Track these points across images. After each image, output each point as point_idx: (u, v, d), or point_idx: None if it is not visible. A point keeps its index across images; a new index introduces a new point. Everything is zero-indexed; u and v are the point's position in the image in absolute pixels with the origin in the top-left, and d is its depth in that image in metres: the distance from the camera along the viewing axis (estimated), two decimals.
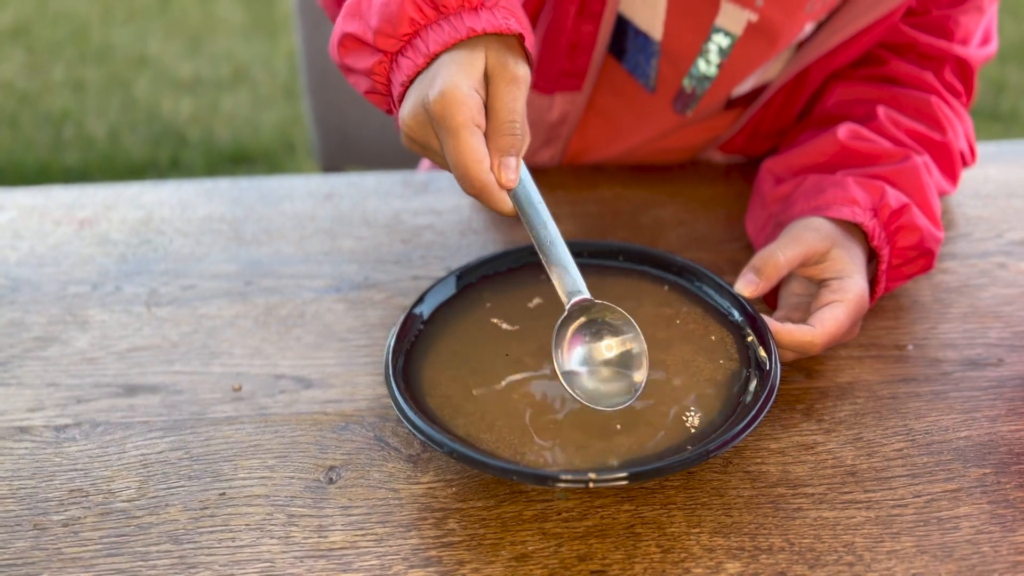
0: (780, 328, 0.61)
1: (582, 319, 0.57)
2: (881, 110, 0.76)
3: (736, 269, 0.77)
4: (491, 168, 0.54)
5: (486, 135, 0.55)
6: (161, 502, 0.58)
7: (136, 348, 0.71)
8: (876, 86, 0.79)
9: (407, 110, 0.56)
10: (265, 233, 0.84)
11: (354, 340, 0.71)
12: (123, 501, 0.58)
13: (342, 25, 0.61)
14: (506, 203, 0.56)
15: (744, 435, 0.53)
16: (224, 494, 0.59)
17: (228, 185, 0.91)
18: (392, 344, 0.61)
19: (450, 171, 0.56)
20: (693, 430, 0.55)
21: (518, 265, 0.69)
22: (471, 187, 0.55)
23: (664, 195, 0.88)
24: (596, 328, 0.57)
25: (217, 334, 0.72)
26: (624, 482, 0.50)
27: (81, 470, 0.61)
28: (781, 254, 0.63)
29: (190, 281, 0.78)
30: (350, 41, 0.60)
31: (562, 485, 0.51)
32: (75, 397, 0.66)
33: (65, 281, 0.78)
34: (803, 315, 0.66)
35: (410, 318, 0.64)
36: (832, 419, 0.62)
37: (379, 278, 0.78)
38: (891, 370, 0.66)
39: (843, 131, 0.74)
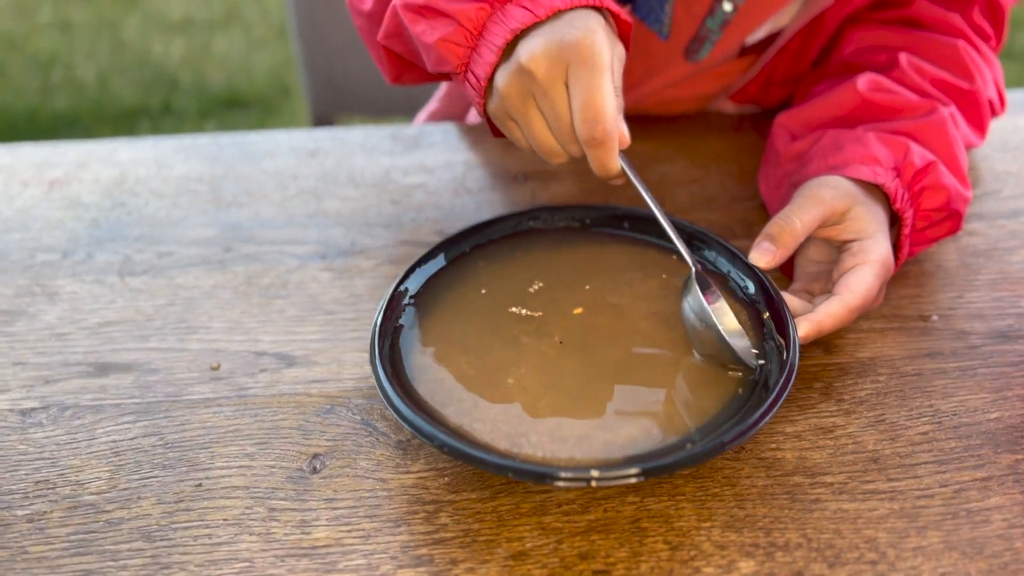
0: (820, 318, 0.56)
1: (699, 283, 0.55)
2: (903, 57, 0.70)
3: (748, 231, 0.72)
4: None
5: None
6: (133, 494, 0.54)
7: (108, 322, 0.66)
8: (898, 30, 0.73)
9: (527, 53, 0.52)
10: (246, 193, 0.79)
11: (340, 313, 0.66)
12: (92, 494, 0.55)
13: None
14: (617, 160, 0.54)
15: (760, 425, 0.49)
16: (200, 485, 0.55)
17: (207, 141, 0.86)
18: (378, 323, 0.56)
19: (529, 144, 0.55)
20: (704, 418, 0.51)
21: (512, 232, 0.64)
22: (601, 130, 0.51)
23: (671, 149, 0.82)
24: (713, 291, 0.56)
25: (195, 306, 0.68)
26: (630, 480, 0.46)
27: (48, 459, 0.57)
28: (797, 218, 0.58)
29: (166, 247, 0.73)
30: None
31: (562, 484, 0.47)
32: (42, 377, 0.62)
33: (33, 248, 0.74)
34: (824, 285, 0.61)
35: (396, 295, 0.59)
36: (852, 399, 0.58)
37: (367, 243, 0.73)
38: (915, 343, 0.62)
39: (863, 82, 0.68)
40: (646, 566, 0.49)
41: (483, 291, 0.59)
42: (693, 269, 0.56)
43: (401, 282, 0.59)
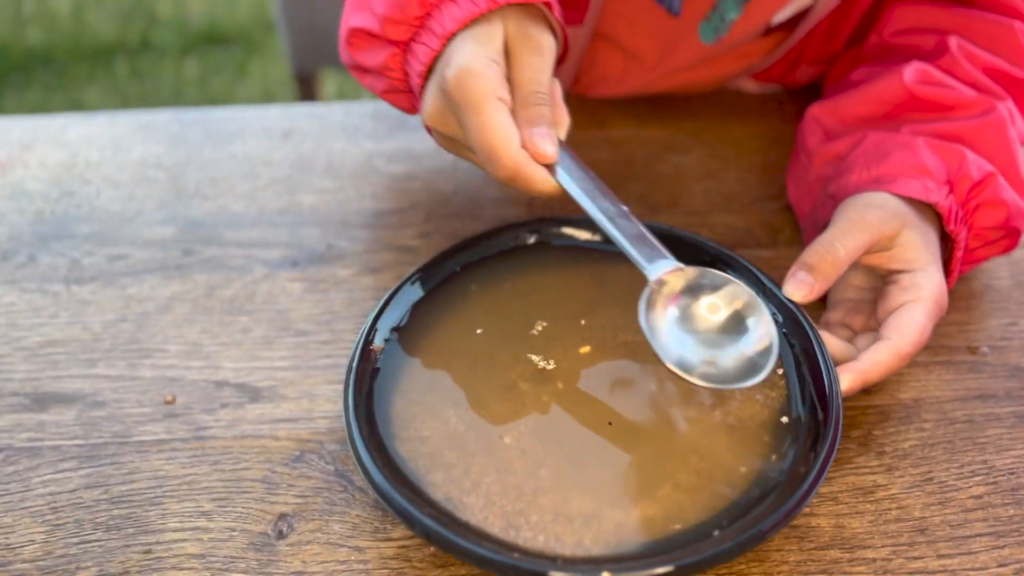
0: (866, 368, 0.48)
1: (674, 289, 0.47)
2: (953, 41, 0.61)
3: (773, 238, 0.64)
4: (524, 144, 0.48)
5: (512, 112, 0.48)
6: (72, 563, 0.47)
7: (51, 342, 0.59)
8: (946, 8, 0.64)
9: (427, 101, 0.51)
10: (210, 183, 0.70)
11: (313, 334, 0.59)
12: (24, 561, 0.47)
13: (348, 20, 0.54)
14: (547, 181, 0.49)
15: (802, 506, 0.42)
16: (149, 552, 0.48)
17: (168, 119, 0.77)
18: (354, 366, 0.49)
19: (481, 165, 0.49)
20: (732, 494, 0.44)
21: (508, 249, 0.56)
22: (503, 168, 0.48)
23: (687, 136, 0.74)
24: (696, 295, 0.48)
25: (148, 323, 0.60)
26: None
27: None
28: (841, 246, 0.50)
29: (118, 249, 0.65)
30: (358, 37, 0.54)
31: None
32: None
33: None
34: (866, 320, 0.53)
35: (374, 329, 0.51)
36: (895, 452, 0.51)
37: (344, 247, 0.65)
38: (964, 382, 0.55)
39: (910, 73, 0.60)
40: None
41: (477, 330, 0.51)
42: (650, 282, 0.48)
43: (379, 313, 0.51)
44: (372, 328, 0.51)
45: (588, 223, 0.57)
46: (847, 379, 0.48)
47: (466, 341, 0.51)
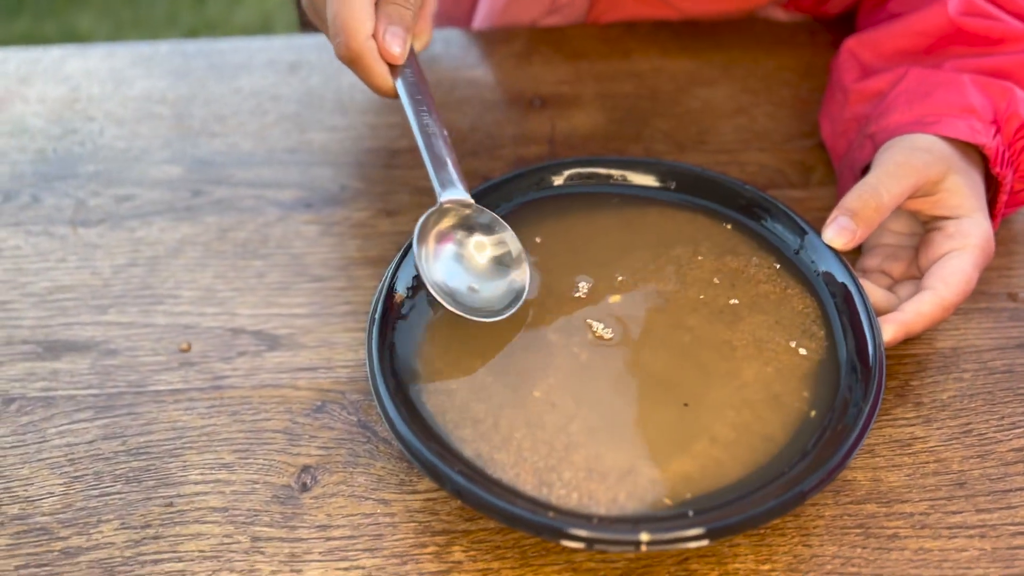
0: (910, 319, 0.47)
1: (452, 220, 0.49)
2: None
3: (806, 178, 0.62)
4: (375, 35, 0.50)
5: (376, 4, 0.50)
6: (92, 515, 0.46)
7: (60, 287, 0.57)
8: None
9: None
10: (216, 120, 0.68)
11: (330, 279, 0.57)
12: (44, 514, 0.46)
13: None
14: (385, 79, 0.51)
15: (845, 464, 0.41)
16: (171, 505, 0.47)
17: (169, 50, 0.73)
18: (376, 318, 0.47)
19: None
20: (771, 450, 0.43)
21: (529, 196, 0.54)
22: (346, 48, 0.49)
23: (715, 68, 0.71)
24: (468, 229, 0.49)
25: (159, 267, 0.58)
26: (689, 543, 0.38)
27: None
28: (885, 191, 0.48)
29: (125, 190, 0.63)
30: None
31: (605, 549, 0.39)
32: None
33: None
34: (906, 268, 0.51)
35: (395, 280, 0.49)
36: (933, 403, 0.50)
37: (358, 188, 0.62)
38: (1004, 330, 0.53)
39: (954, 3, 0.56)
40: None
41: None
42: (438, 203, 0.49)
43: (400, 261, 0.49)
44: (394, 276, 0.49)
45: (617, 166, 0.55)
46: (889, 330, 0.46)
47: None
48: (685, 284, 0.49)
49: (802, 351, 0.46)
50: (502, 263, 0.48)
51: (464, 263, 0.48)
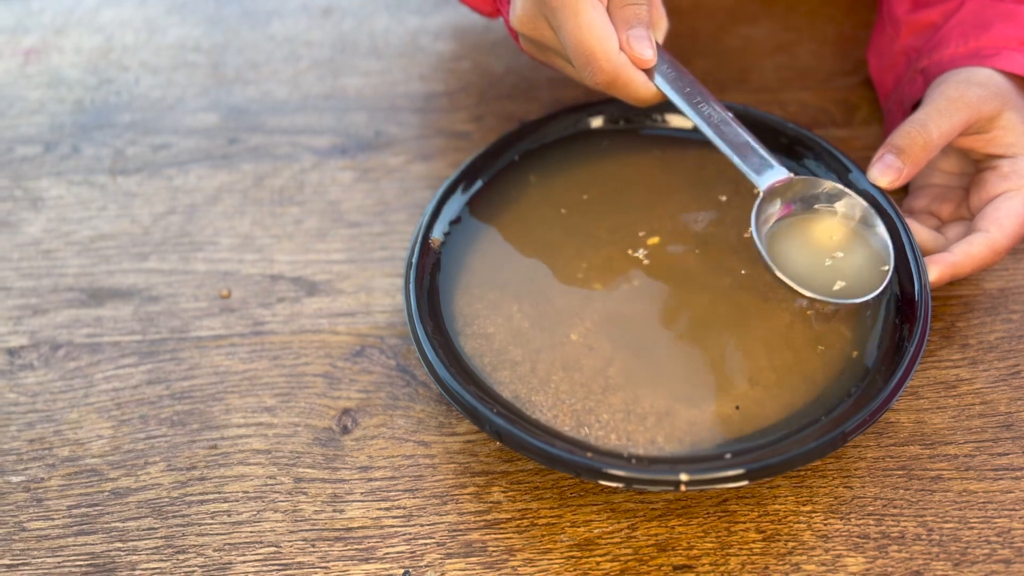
0: (958, 260, 0.45)
1: (783, 199, 0.45)
2: None
3: (850, 116, 0.61)
4: (621, 46, 0.45)
5: (608, 11, 0.45)
6: (139, 457, 0.48)
7: (101, 236, 0.58)
8: None
9: (517, 4, 0.47)
10: (250, 67, 0.67)
11: (366, 225, 0.57)
12: (94, 456, 0.48)
13: None
14: (648, 87, 0.46)
15: (888, 407, 0.40)
16: (215, 447, 0.48)
17: None
18: (414, 262, 0.47)
19: (575, 73, 0.46)
20: (812, 391, 0.42)
21: (567, 135, 0.53)
22: (600, 72, 0.45)
23: (756, 4, 0.69)
24: (810, 204, 0.45)
25: (198, 215, 0.58)
26: (729, 484, 0.38)
27: (42, 411, 0.50)
28: (935, 127, 0.47)
29: (162, 139, 0.63)
30: None
31: (644, 489, 0.39)
32: (31, 307, 0.54)
33: (11, 140, 0.64)
34: (955, 209, 0.50)
35: (432, 224, 0.49)
36: (980, 344, 0.49)
37: (393, 133, 0.62)
38: None
39: None
40: (735, 561, 0.42)
41: (537, 222, 0.49)
42: (761, 192, 0.45)
43: (437, 207, 0.49)
44: (430, 221, 0.49)
45: (658, 107, 0.54)
46: (935, 270, 0.45)
47: (527, 234, 0.49)
48: (725, 226, 0.48)
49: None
50: (853, 229, 0.45)
51: (814, 242, 0.45)
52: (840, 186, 0.45)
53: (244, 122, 0.64)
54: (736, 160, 0.45)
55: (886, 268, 0.43)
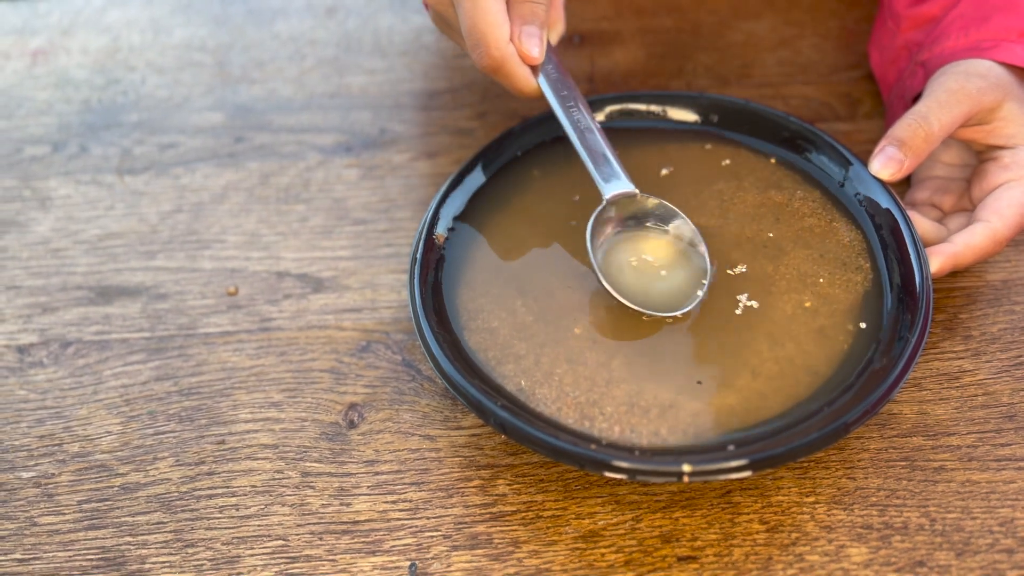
0: (959, 250, 0.46)
1: (622, 213, 0.47)
2: None
3: (852, 110, 0.61)
4: (512, 39, 0.47)
5: (508, 4, 0.47)
6: (148, 453, 0.48)
7: (109, 234, 0.58)
8: None
9: None
10: (256, 66, 0.68)
11: (372, 222, 0.57)
12: (103, 452, 0.48)
13: None
14: (528, 81, 0.48)
15: (890, 397, 0.40)
16: (223, 443, 0.48)
17: None
18: (418, 257, 0.47)
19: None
20: (815, 383, 0.42)
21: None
22: (487, 57, 0.47)
23: (757, 0, 0.69)
24: (642, 222, 0.47)
25: (204, 214, 0.59)
26: (732, 475, 0.39)
27: (52, 408, 0.50)
28: (935, 119, 0.47)
29: (169, 138, 0.64)
30: None
31: (648, 480, 0.39)
32: (40, 305, 0.55)
33: (19, 140, 0.64)
34: (956, 200, 0.50)
35: (435, 219, 0.49)
36: (982, 336, 0.49)
37: (398, 131, 0.62)
38: None
39: None
40: (739, 552, 0.42)
41: (542, 216, 0.49)
42: (604, 200, 0.47)
43: (441, 202, 0.50)
44: (434, 217, 0.49)
45: (652, 100, 0.54)
46: (936, 261, 0.45)
47: (530, 229, 0.49)
48: (728, 219, 0.48)
49: (847, 284, 0.46)
50: (679, 248, 0.47)
51: (640, 255, 0.46)
52: (675, 208, 0.47)
53: (250, 121, 0.64)
54: (589, 166, 0.47)
55: (701, 289, 0.45)
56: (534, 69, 0.48)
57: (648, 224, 0.47)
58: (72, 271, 0.56)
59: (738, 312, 0.45)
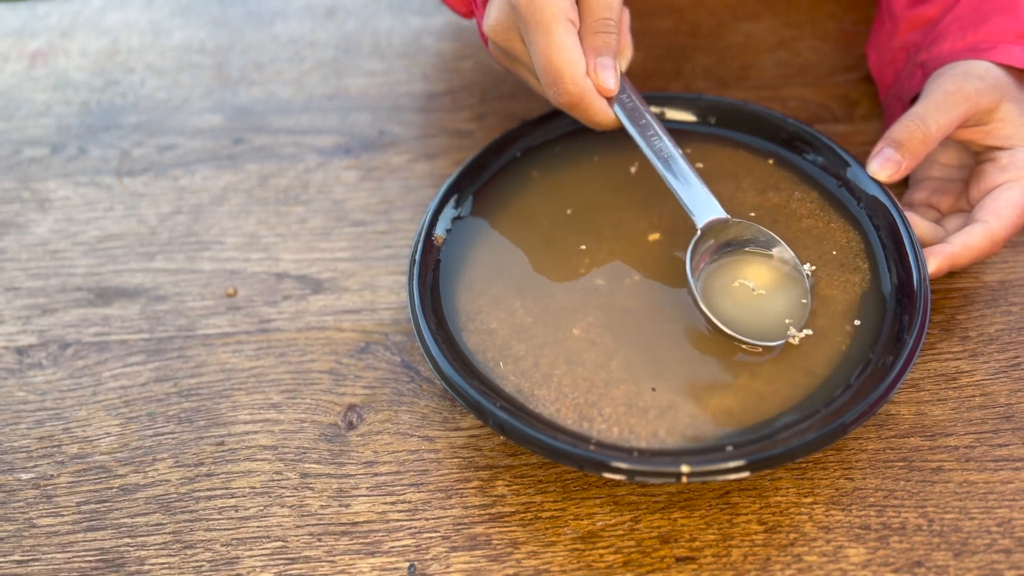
0: (956, 251, 0.46)
1: (717, 240, 0.46)
2: None
3: (850, 112, 0.61)
4: (588, 72, 0.46)
5: (579, 35, 0.46)
6: (147, 454, 0.48)
7: (108, 236, 0.58)
8: None
9: (492, 12, 0.48)
10: (255, 68, 0.68)
11: (371, 224, 0.57)
12: (102, 453, 0.48)
13: None
14: (607, 114, 0.47)
15: (887, 398, 0.41)
16: (222, 444, 0.48)
17: (206, 1, 0.74)
18: (417, 258, 0.47)
19: (540, 88, 0.46)
20: (812, 384, 0.42)
21: (569, 131, 0.54)
22: (565, 94, 0.46)
23: (757, 1, 0.69)
24: (737, 249, 0.46)
25: (204, 215, 0.59)
26: (730, 475, 0.39)
27: (51, 409, 0.50)
28: (933, 120, 0.47)
29: (168, 139, 0.64)
30: None
31: (646, 481, 0.39)
32: (39, 306, 0.55)
33: (18, 141, 0.64)
34: (954, 201, 0.50)
35: (435, 221, 0.49)
36: (980, 336, 0.49)
37: (397, 133, 0.63)
38: None
39: None
40: (738, 552, 0.42)
41: (540, 218, 0.50)
42: (699, 230, 0.46)
43: (440, 203, 0.50)
44: (433, 219, 0.49)
45: (657, 102, 0.54)
46: (933, 261, 0.45)
47: (529, 230, 0.49)
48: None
49: (845, 284, 0.46)
50: (779, 272, 0.46)
51: (739, 283, 0.45)
52: (772, 233, 0.46)
53: (249, 123, 0.64)
54: (679, 194, 0.46)
55: (802, 315, 0.44)
56: (609, 100, 0.47)
57: (746, 249, 0.46)
58: (71, 272, 0.56)
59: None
